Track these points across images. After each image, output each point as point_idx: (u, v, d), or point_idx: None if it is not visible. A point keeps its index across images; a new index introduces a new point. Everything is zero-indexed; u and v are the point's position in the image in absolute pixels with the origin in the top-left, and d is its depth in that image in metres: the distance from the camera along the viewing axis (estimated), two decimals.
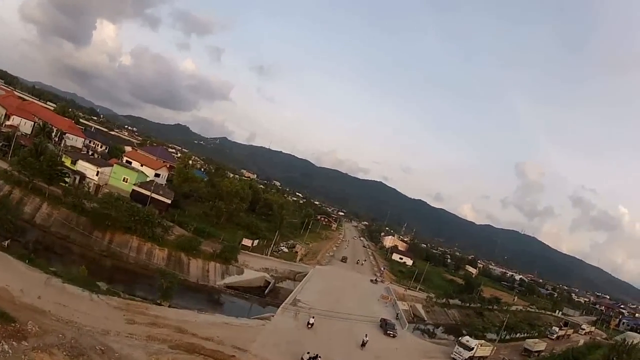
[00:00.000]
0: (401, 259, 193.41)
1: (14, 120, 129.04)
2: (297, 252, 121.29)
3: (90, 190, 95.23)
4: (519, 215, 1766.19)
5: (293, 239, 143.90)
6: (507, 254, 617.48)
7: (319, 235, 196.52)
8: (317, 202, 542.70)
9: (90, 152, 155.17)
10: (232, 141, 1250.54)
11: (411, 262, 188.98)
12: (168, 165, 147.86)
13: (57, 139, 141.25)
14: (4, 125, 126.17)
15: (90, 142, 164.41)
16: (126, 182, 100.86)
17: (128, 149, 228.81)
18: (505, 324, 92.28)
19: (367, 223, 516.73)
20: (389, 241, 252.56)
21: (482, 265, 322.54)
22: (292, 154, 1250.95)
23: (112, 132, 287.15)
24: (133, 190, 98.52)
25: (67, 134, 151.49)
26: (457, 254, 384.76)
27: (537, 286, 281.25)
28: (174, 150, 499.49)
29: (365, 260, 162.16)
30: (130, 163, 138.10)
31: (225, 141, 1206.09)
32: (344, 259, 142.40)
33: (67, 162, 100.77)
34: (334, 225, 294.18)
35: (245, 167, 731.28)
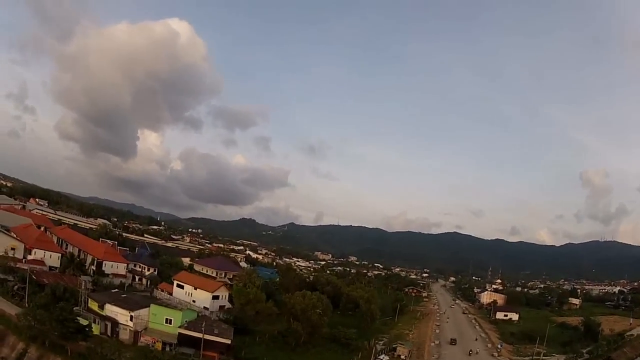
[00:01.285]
0: (506, 315, 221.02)
1: (37, 254, 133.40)
2: (399, 355, 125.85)
3: (125, 340, 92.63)
4: (595, 224, 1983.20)
5: (388, 333, 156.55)
6: (593, 267, 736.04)
7: (414, 315, 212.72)
8: (398, 269, 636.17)
9: (136, 279, 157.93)
10: (300, 225, 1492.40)
11: (517, 316, 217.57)
12: (228, 282, 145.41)
13: (94, 268, 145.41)
14: (25, 260, 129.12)
15: (135, 265, 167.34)
16: (170, 323, 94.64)
17: (186, 260, 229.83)
18: None
19: (454, 280, 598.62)
20: (485, 297, 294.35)
21: (579, 289, 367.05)
22: (363, 225, 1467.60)
23: (169, 244, 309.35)
24: (180, 333, 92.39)
25: (104, 262, 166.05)
26: (550, 284, 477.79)
27: None
28: (242, 247, 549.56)
29: (476, 340, 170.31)
30: (182, 287, 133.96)
31: (293, 226, 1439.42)
32: (453, 342, 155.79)
33: (94, 306, 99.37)
34: (425, 294, 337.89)
35: (318, 248, 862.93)
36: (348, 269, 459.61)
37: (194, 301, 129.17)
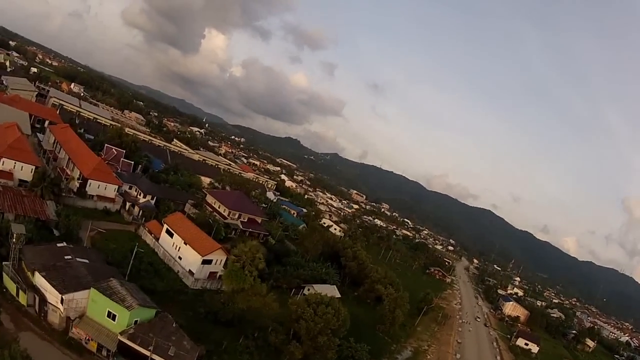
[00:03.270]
0: (526, 344, 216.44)
1: (4, 164, 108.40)
2: None
3: (55, 324, 67.85)
4: (620, 253, 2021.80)
5: (405, 343, 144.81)
6: (605, 295, 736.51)
7: (435, 316, 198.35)
8: (426, 232, 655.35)
9: (127, 206, 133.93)
10: (344, 158, 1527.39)
11: (537, 348, 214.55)
12: (227, 247, 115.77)
13: (76, 186, 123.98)
14: None
15: (130, 188, 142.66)
16: (114, 320, 66.48)
17: (206, 181, 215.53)
18: None
19: (477, 263, 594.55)
20: (509, 308, 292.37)
21: (593, 325, 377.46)
22: (404, 175, 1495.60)
23: (195, 157, 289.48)
24: (120, 340, 64.94)
25: (91, 181, 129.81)
26: (562, 299, 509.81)
27: None
28: (278, 169, 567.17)
29: None
30: (171, 236, 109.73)
31: (337, 157, 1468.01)
32: None
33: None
34: (449, 280, 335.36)
35: (355, 187, 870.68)
36: (377, 224, 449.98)
37: (180, 257, 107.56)
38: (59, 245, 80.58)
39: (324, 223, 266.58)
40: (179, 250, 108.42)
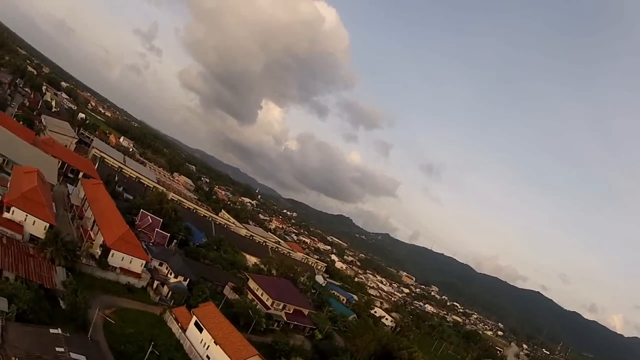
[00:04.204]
0: None
1: (15, 213, 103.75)
2: None
3: None
4: None
5: None
6: None
7: None
8: (475, 316, 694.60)
9: (154, 284, 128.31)
10: (395, 238, 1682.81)
11: None
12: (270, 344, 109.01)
13: (98, 253, 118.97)
14: None
15: (161, 264, 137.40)
16: None
17: (252, 260, 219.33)
18: None
19: (527, 350, 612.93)
20: None
21: None
22: (454, 257, 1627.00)
23: (242, 232, 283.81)
24: None
25: (113, 251, 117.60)
26: None
27: None
28: (328, 248, 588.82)
29: None
30: (201, 330, 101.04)
31: (388, 238, 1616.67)
32: None
33: None
34: None
35: (405, 268, 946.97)
36: (428, 310, 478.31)
37: (208, 358, 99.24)
38: (52, 331, 72.06)
39: (375, 312, 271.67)
40: (207, 349, 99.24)
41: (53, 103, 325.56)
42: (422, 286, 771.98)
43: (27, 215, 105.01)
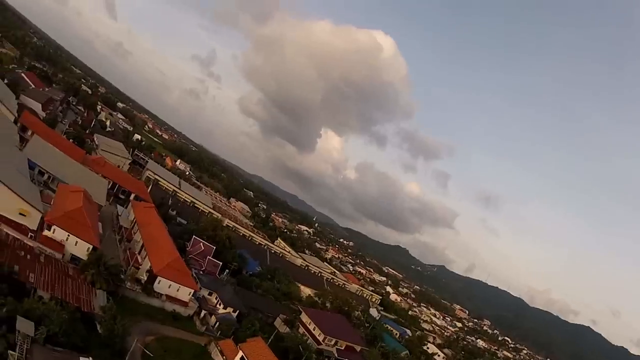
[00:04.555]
0: None
1: (56, 233, 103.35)
2: None
3: None
4: None
5: None
6: None
7: None
8: (525, 352, 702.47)
9: (202, 313, 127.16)
10: (450, 271, 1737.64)
11: None
12: None
13: (143, 279, 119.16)
14: (35, 236, 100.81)
15: (211, 294, 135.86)
16: None
17: (306, 291, 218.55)
18: None
19: None
20: None
21: None
22: (508, 290, 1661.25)
23: (298, 261, 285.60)
24: None
25: (160, 278, 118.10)
26: None
27: None
28: (383, 279, 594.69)
29: None
30: None
31: (443, 270, 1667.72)
32: None
33: None
34: None
35: (459, 301, 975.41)
36: (480, 345, 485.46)
37: None
38: (82, 358, 69.45)
39: (428, 348, 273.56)
40: None
41: (108, 123, 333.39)
42: (475, 320, 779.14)
43: (69, 235, 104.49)
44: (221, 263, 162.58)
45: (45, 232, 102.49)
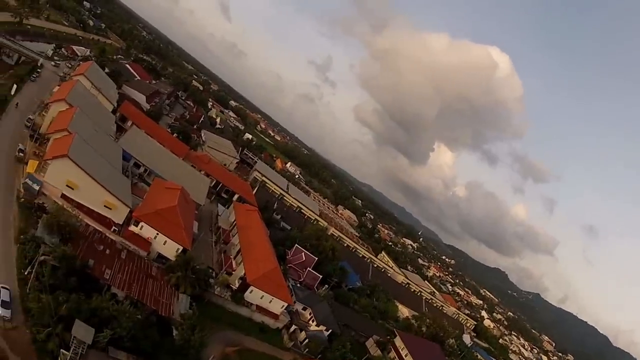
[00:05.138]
0: None
1: (144, 229, 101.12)
2: None
3: None
4: None
5: None
6: None
7: None
8: None
9: (291, 327, 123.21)
10: (544, 299, 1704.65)
11: None
12: None
13: (233, 288, 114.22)
14: (120, 231, 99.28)
15: (304, 309, 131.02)
16: None
17: (404, 312, 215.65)
18: None
19: None
20: None
21: None
22: (595, 326, 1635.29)
23: (399, 278, 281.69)
24: None
25: (253, 288, 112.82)
26: None
27: None
28: (480, 303, 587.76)
29: None
30: None
31: (538, 298, 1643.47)
32: None
33: None
34: None
35: (548, 332, 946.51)
36: None
37: None
38: None
39: None
40: None
41: (218, 120, 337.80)
42: (560, 354, 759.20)
43: (158, 234, 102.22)
44: (321, 276, 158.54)
45: (132, 228, 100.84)
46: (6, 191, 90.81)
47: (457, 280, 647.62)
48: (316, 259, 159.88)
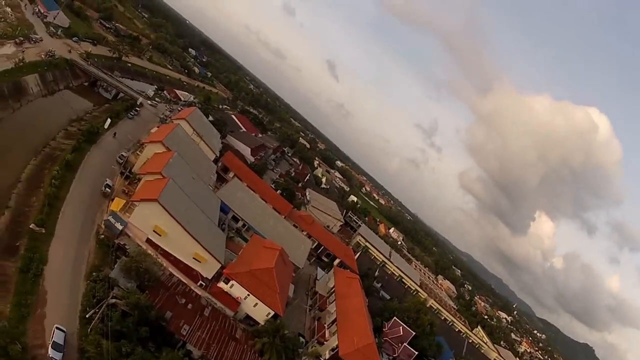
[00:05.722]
0: None
1: (234, 288, 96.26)
2: None
3: None
4: None
5: None
6: None
7: None
8: None
9: None
10: None
11: None
12: None
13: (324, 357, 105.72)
14: (205, 286, 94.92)
15: None
16: None
17: None
18: None
19: None
20: None
21: None
22: None
23: (493, 355, 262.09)
24: None
25: None
26: None
27: None
28: None
29: None
30: None
31: None
32: None
33: None
34: None
35: None
36: None
37: None
38: None
39: None
40: None
41: (323, 180, 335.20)
42: None
43: (249, 295, 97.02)
44: (416, 353, 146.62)
45: (221, 285, 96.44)
46: (86, 224, 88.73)
47: (547, 357, 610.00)
48: (414, 333, 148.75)
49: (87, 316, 69.19)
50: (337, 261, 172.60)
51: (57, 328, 64.18)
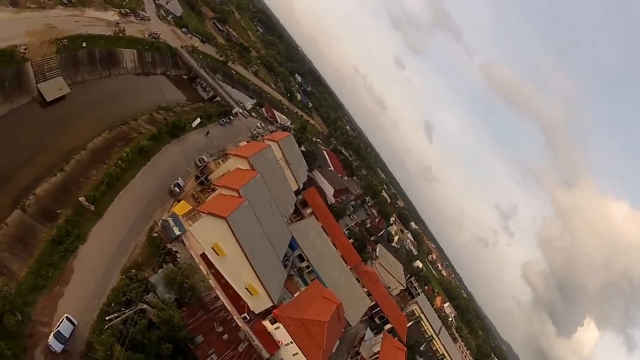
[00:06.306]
0: None
1: (279, 331, 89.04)
2: None
3: None
4: None
5: None
6: None
7: None
8: None
9: None
10: None
11: None
12: None
13: None
14: (249, 320, 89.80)
15: None
16: None
17: None
18: None
19: None
20: None
21: None
22: None
23: None
24: None
25: None
26: None
27: None
28: None
29: None
30: None
31: None
32: None
33: None
34: None
35: None
36: None
37: None
38: None
39: None
40: None
41: (396, 238, 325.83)
42: None
43: (292, 342, 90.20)
44: None
45: (266, 323, 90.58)
46: (142, 217, 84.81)
47: None
48: None
49: (109, 313, 64.49)
50: (388, 326, 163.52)
51: (67, 318, 59.22)
